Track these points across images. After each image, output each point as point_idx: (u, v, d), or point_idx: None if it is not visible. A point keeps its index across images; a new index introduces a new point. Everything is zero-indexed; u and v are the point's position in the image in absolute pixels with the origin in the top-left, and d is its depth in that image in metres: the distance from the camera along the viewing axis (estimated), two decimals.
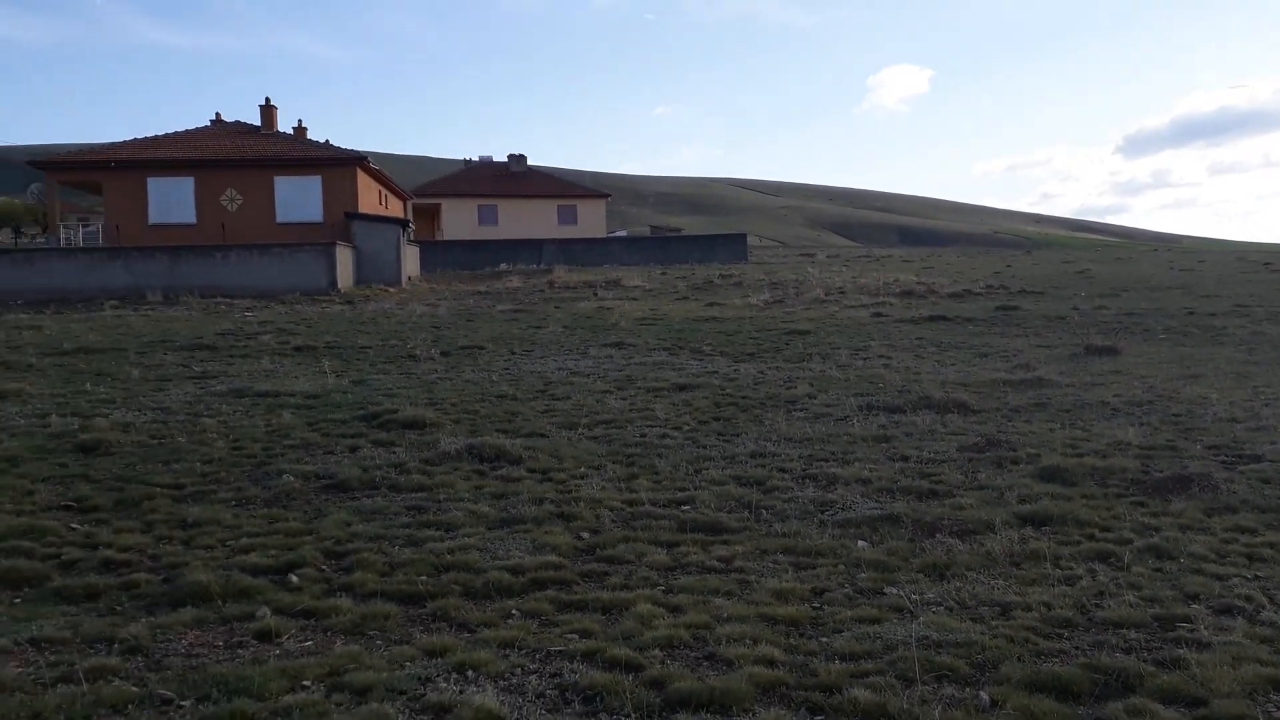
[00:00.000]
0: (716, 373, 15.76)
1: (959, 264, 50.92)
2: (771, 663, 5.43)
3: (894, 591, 6.52)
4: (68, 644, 5.77)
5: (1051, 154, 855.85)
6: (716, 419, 12.19)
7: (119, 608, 6.38)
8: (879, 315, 24.90)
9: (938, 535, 7.67)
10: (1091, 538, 7.61)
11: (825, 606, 6.30)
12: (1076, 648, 5.63)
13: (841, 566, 7.03)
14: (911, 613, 6.14)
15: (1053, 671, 5.26)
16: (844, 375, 15.49)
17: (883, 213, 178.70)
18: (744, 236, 62.09)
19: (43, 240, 54.54)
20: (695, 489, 9.02)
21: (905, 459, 10.06)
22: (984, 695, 5.04)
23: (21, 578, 6.83)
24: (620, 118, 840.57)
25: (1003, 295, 30.24)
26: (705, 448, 10.67)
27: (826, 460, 10.02)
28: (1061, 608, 6.19)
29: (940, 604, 6.32)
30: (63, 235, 41.23)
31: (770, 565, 7.10)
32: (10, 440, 10.94)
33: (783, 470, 9.64)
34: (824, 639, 5.78)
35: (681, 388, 14.30)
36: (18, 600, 6.50)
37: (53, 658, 5.58)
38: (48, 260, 32.83)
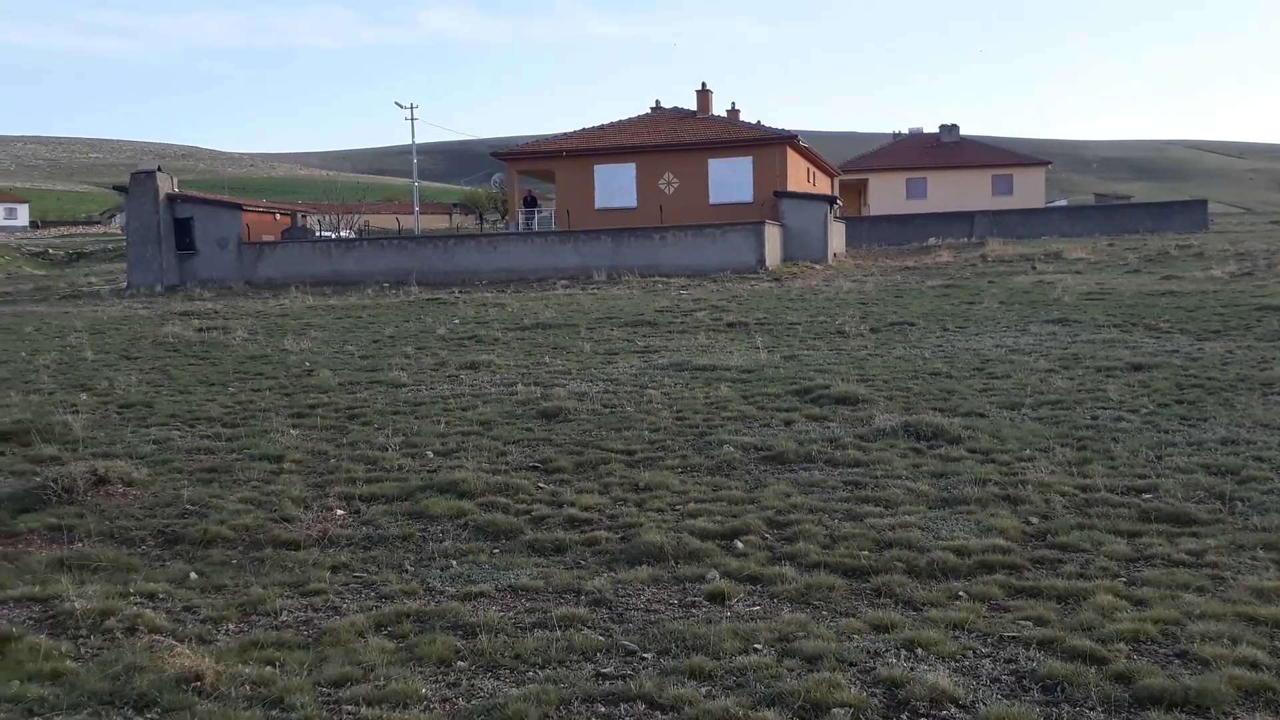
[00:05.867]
0: (1177, 351, 14.47)
1: None
2: (1254, 665, 4.93)
3: None
4: (540, 592, 6.30)
5: None
6: (1179, 401, 11.19)
7: (583, 562, 6.88)
8: None
9: None
10: None
11: None
12: None
13: None
14: None
15: None
16: None
17: None
18: (1203, 203, 56.49)
19: (502, 225, 60.11)
20: (1157, 476, 8.33)
21: None
22: None
23: (499, 530, 7.54)
24: (1061, 80, 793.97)
25: None
26: (1167, 432, 9.83)
27: None
28: None
29: None
30: (521, 220, 45.10)
31: (1248, 561, 6.43)
32: (484, 406, 12.10)
33: (1260, 459, 8.67)
34: None
35: (1136, 367, 13.26)
36: (496, 550, 7.18)
37: (528, 604, 6.11)
38: (508, 243, 36.00)
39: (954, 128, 70.92)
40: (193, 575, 6.73)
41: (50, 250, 68.46)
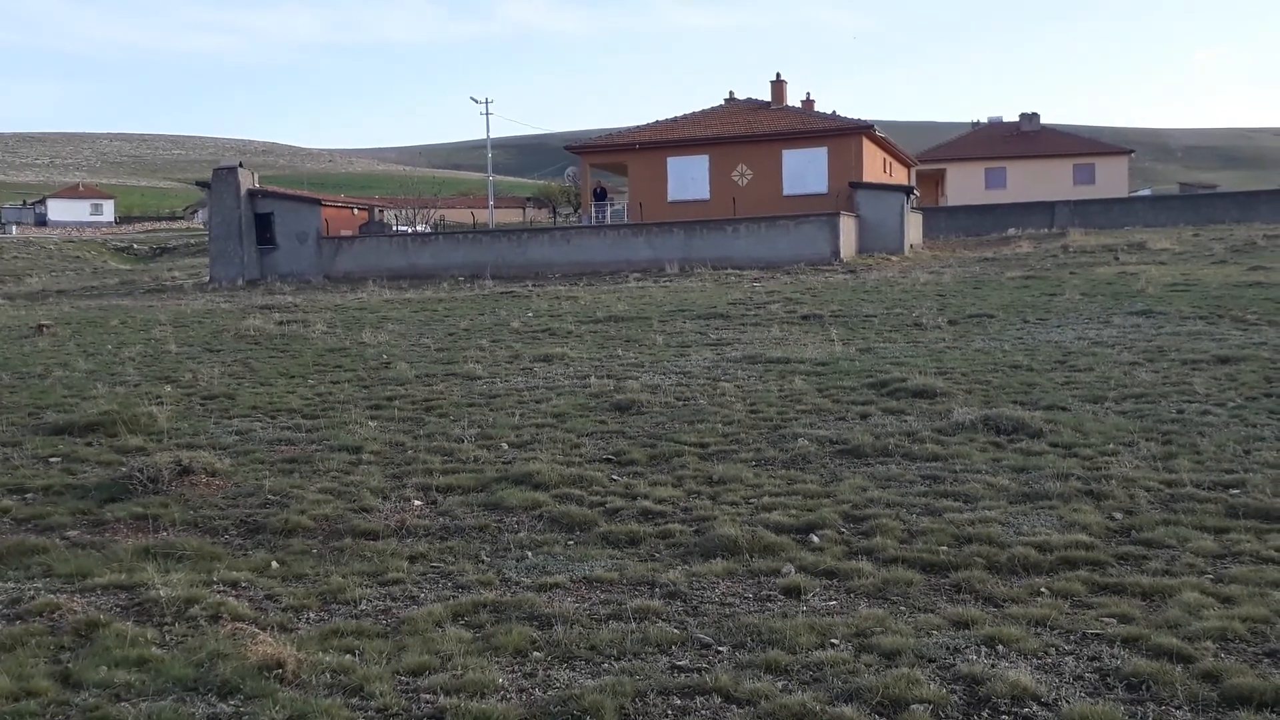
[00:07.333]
0: (1265, 344, 14.06)
1: None
2: None
3: None
4: (615, 584, 6.31)
5: None
6: (1267, 395, 10.88)
7: (657, 555, 6.87)
8: None
9: None
10: None
11: None
12: None
13: None
14: None
15: None
16: None
17: None
18: None
19: (575, 219, 60.32)
20: (1245, 471, 8.11)
21: None
22: None
23: (573, 521, 7.57)
24: (1151, 66, 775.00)
25: None
26: (1255, 426, 9.56)
27: None
28: None
29: None
30: (594, 213, 45.21)
31: None
32: (557, 398, 12.15)
33: None
34: None
35: (1223, 360, 12.92)
36: (571, 542, 7.20)
37: (603, 596, 6.12)
38: (581, 237, 36.14)
39: (1034, 116, 69.62)
40: (274, 564, 6.85)
41: (135, 245, 70.28)
